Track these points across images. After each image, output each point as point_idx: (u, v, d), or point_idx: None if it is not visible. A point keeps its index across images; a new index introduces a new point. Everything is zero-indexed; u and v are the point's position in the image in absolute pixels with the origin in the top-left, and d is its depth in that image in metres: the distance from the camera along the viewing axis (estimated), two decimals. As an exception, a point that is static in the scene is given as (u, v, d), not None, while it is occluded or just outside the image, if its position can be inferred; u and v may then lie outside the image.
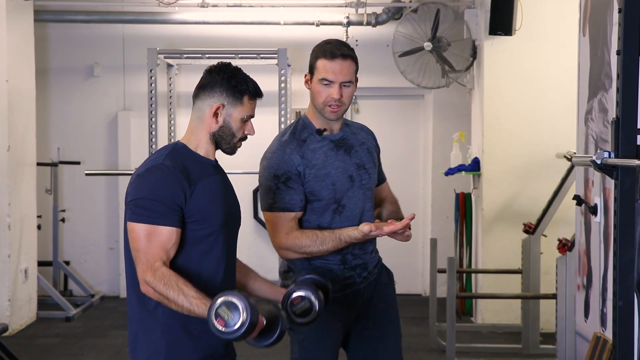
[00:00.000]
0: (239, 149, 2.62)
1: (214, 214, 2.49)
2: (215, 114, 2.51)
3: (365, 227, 2.85)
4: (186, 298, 2.32)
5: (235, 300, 2.23)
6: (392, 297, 3.17)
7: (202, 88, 2.54)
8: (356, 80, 2.98)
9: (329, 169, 2.94)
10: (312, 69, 2.95)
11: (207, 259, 2.49)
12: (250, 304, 2.24)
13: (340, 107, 2.92)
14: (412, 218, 2.86)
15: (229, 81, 2.51)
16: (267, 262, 7.70)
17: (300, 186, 2.92)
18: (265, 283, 2.79)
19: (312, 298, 2.59)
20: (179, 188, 2.41)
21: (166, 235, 2.39)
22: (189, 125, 2.58)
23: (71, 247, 8.21)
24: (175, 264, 2.44)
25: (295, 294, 2.61)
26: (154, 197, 2.39)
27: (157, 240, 2.38)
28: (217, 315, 2.23)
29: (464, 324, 6.70)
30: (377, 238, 3.02)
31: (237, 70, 2.56)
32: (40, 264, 7.36)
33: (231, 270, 2.59)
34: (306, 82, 2.98)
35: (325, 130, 2.99)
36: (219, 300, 2.24)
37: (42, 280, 7.22)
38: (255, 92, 2.56)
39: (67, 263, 8.07)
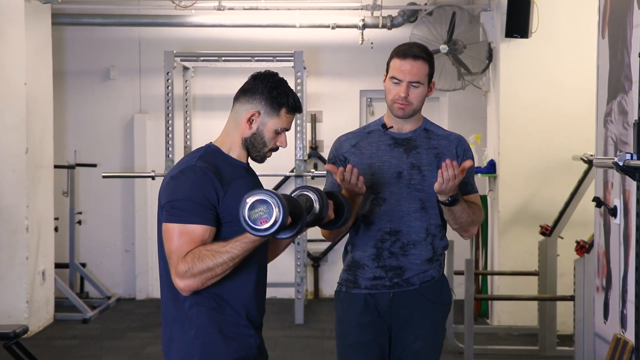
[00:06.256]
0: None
1: None
2: (250, 121, 2.52)
3: None
4: (222, 253, 2.33)
5: (264, 197, 2.22)
6: (437, 316, 3.06)
7: (244, 92, 2.54)
8: (432, 84, 2.99)
9: (373, 160, 2.97)
10: (387, 68, 2.99)
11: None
12: (280, 199, 2.23)
13: (408, 106, 2.93)
14: None
15: (270, 91, 2.50)
16: (281, 263, 7.71)
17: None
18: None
19: (310, 195, 2.54)
20: (212, 188, 2.41)
21: (198, 233, 2.38)
22: (225, 127, 2.58)
23: (87, 249, 8.26)
24: None
25: (297, 192, 2.56)
26: (188, 198, 2.39)
27: (188, 237, 2.38)
28: (255, 218, 2.21)
29: (480, 326, 6.70)
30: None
31: (282, 81, 2.55)
32: (57, 266, 7.40)
33: (263, 273, 2.59)
34: (384, 80, 3.01)
35: (391, 127, 3.02)
36: (250, 200, 2.22)
37: (59, 282, 7.26)
38: (294, 107, 2.55)
39: (83, 265, 8.11)
